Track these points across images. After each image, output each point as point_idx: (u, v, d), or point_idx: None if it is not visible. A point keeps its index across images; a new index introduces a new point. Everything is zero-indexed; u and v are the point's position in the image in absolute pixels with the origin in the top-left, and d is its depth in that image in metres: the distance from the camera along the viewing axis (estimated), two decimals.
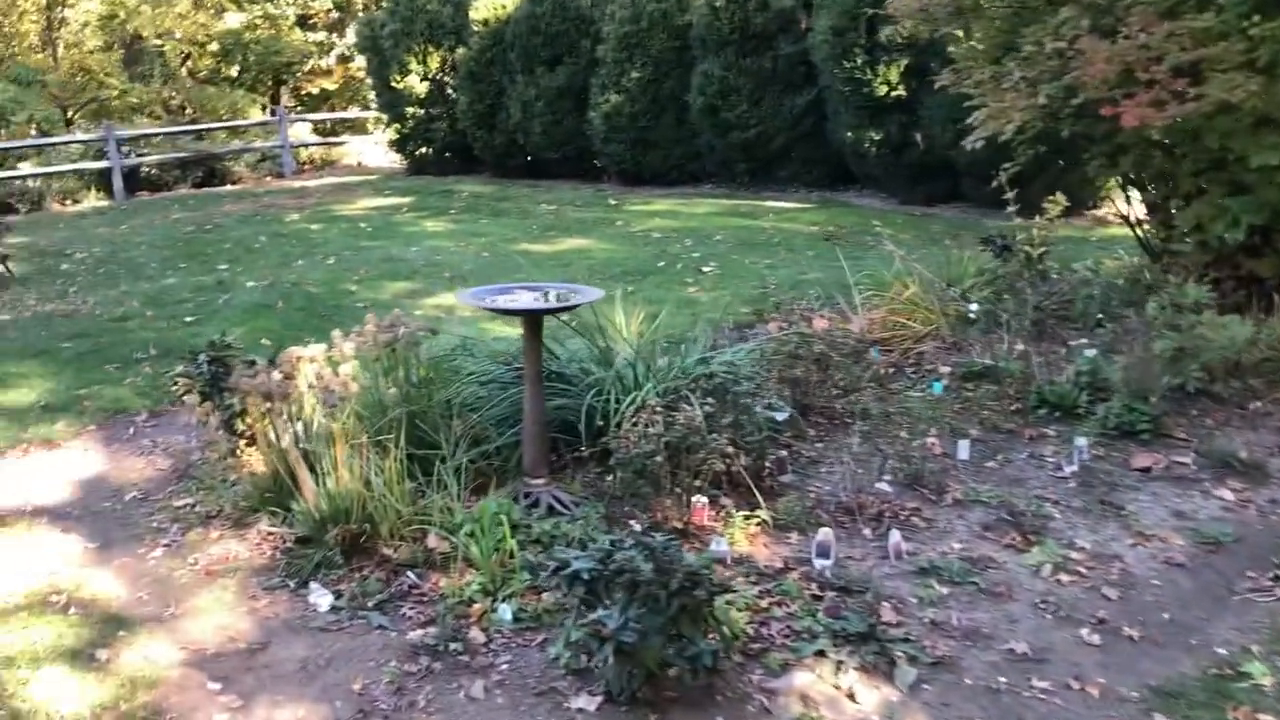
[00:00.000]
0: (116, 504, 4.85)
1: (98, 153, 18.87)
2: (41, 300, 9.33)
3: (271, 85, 27.54)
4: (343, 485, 4.14)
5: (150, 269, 11.00)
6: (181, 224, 14.72)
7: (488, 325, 7.55)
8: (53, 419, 5.87)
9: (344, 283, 9.54)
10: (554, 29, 16.38)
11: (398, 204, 15.65)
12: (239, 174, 20.60)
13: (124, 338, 7.61)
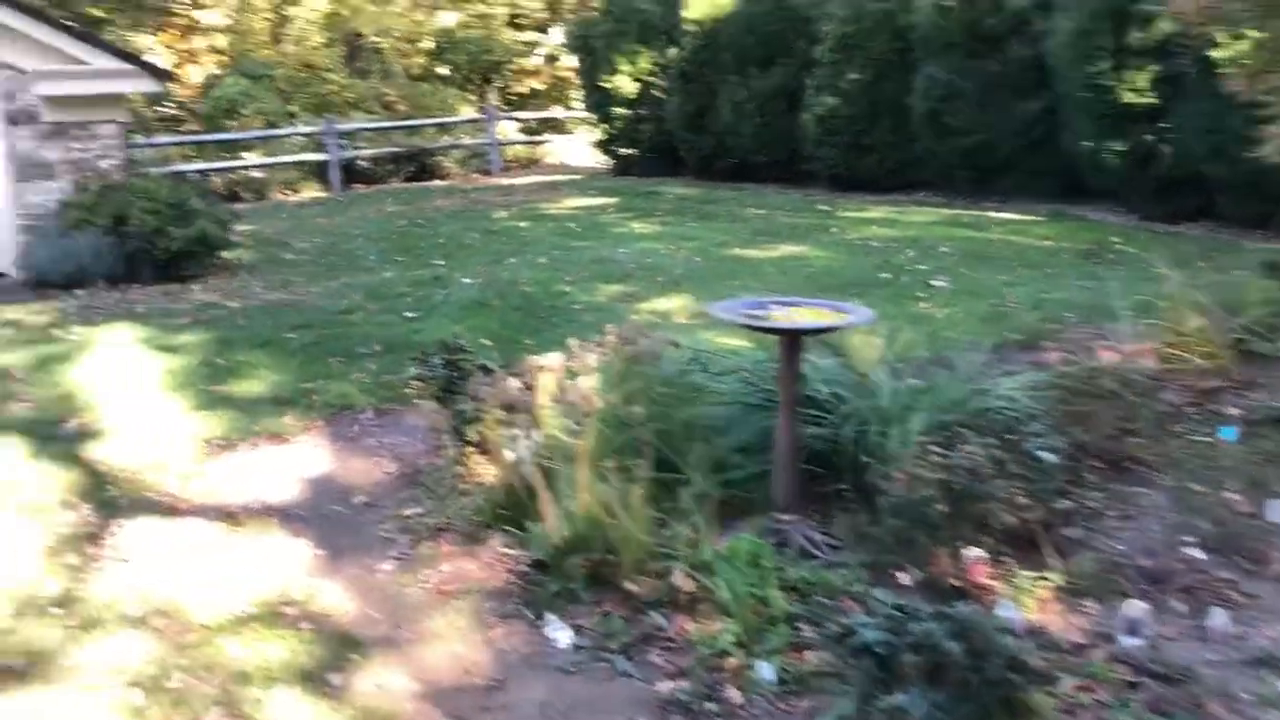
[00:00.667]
0: (345, 508, 4.70)
1: (318, 145, 19.57)
2: (267, 288, 9.53)
3: (480, 84, 28.14)
4: (585, 509, 3.83)
5: (369, 261, 11.16)
6: (395, 217, 15.01)
7: (707, 334, 7.19)
8: (281, 412, 5.83)
9: (557, 283, 9.36)
10: (769, 29, 15.94)
11: (603, 204, 15.53)
12: (447, 169, 21.04)
13: (347, 331, 7.61)
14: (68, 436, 5.44)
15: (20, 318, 8.25)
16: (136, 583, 3.97)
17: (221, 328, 7.68)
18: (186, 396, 6.06)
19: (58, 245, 9.76)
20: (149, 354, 6.91)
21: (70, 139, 10.48)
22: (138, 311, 8.38)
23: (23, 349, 7.05)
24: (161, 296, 9.18)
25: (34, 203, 10.38)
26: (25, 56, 10.08)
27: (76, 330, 7.59)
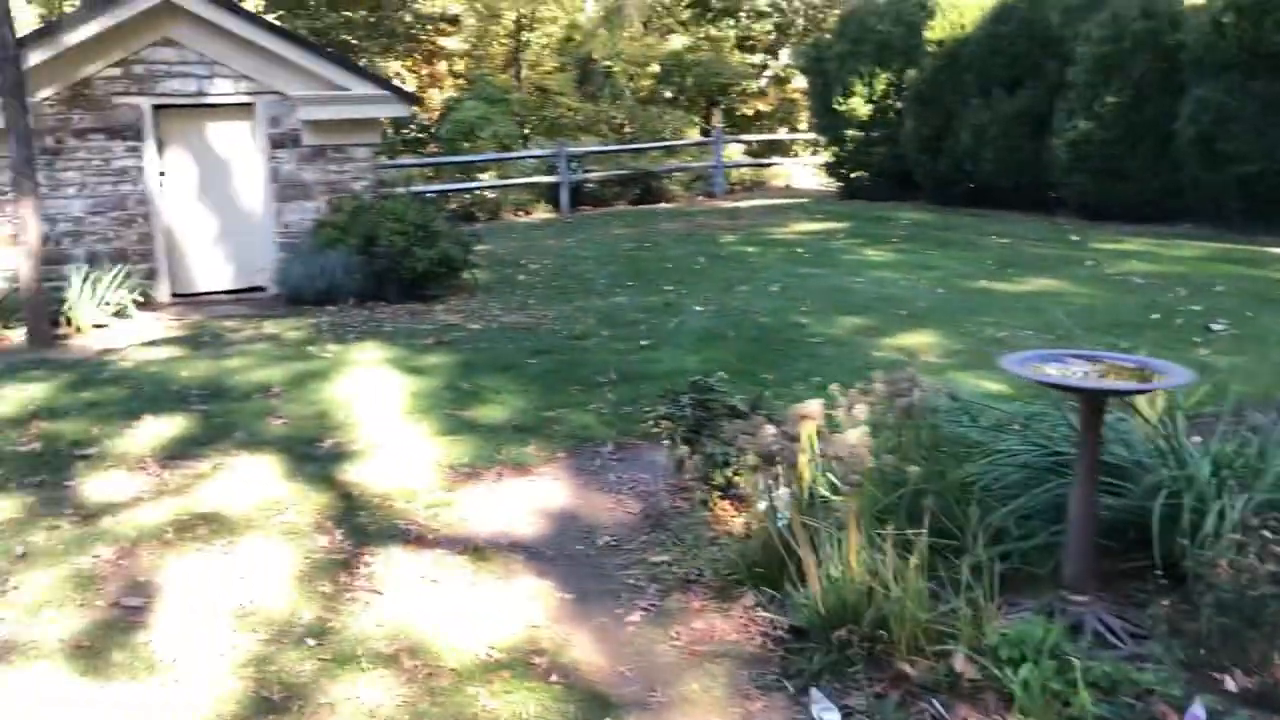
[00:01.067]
0: (589, 548, 4.53)
1: (549, 168, 19.97)
2: (505, 310, 9.64)
3: (705, 106, 28.20)
4: (854, 576, 3.50)
5: (599, 285, 11.17)
6: (622, 240, 15.07)
7: (960, 376, 6.70)
8: (523, 441, 5.76)
9: (792, 313, 9.05)
10: (1017, 49, 15.15)
11: (833, 229, 15.11)
12: (672, 192, 21.09)
13: (584, 358, 7.54)
14: (321, 456, 5.53)
15: (279, 333, 8.63)
16: (387, 617, 3.91)
17: (464, 350, 7.77)
18: (432, 420, 6.09)
19: (312, 263, 10.21)
20: (396, 374, 7.03)
21: (327, 161, 10.98)
22: (385, 331, 8.61)
23: (281, 365, 7.32)
24: (407, 316, 9.43)
25: (291, 222, 10.92)
26: (290, 83, 10.63)
27: (330, 348, 7.85)
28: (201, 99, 10.43)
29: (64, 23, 9.79)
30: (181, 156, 10.65)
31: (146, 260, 10.42)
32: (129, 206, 10.31)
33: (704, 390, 4.72)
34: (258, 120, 10.71)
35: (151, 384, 6.84)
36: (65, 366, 7.58)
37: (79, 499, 4.99)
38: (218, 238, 10.92)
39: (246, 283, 11.10)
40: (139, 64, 10.16)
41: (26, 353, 8.38)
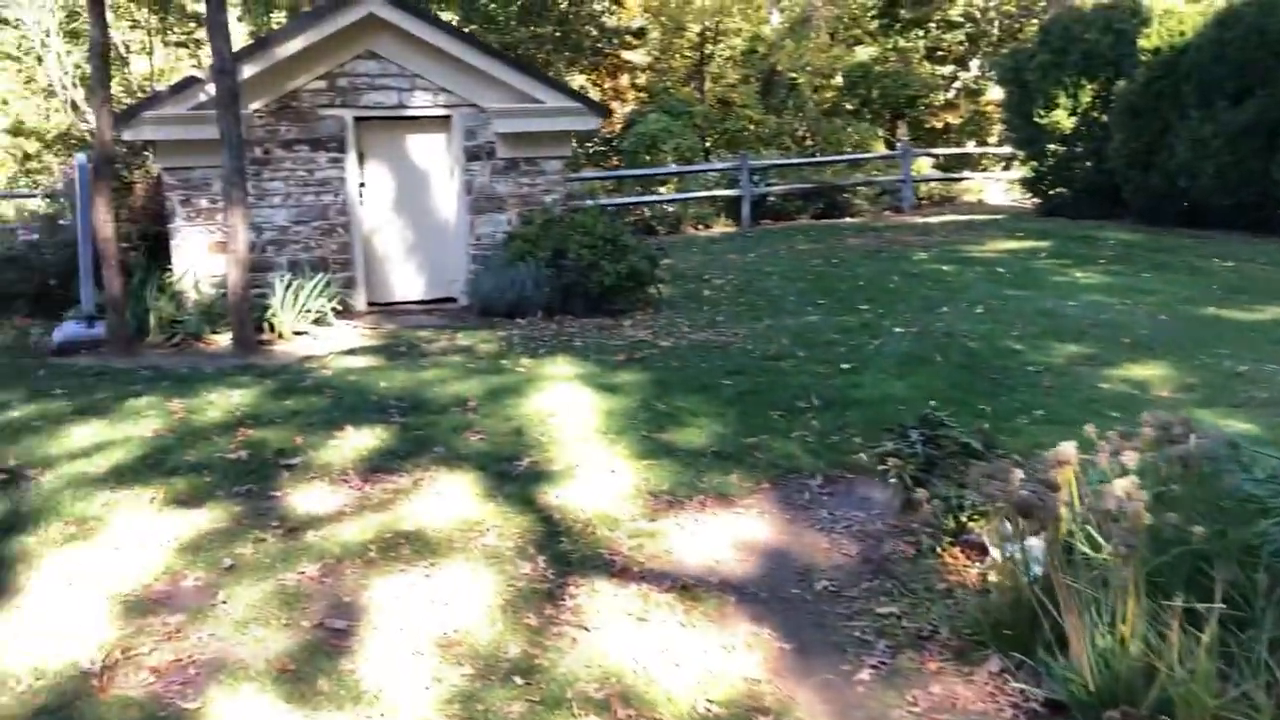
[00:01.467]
0: (806, 592, 4.20)
1: (730, 181, 19.71)
2: (694, 328, 9.40)
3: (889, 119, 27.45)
4: (1130, 650, 3.06)
5: (789, 302, 10.81)
6: (807, 255, 14.66)
7: (1200, 414, 6.06)
8: (725, 469, 5.47)
9: (1002, 338, 8.48)
10: (1244, 56, 14.00)
11: (1033, 248, 14.30)
12: (857, 207, 20.51)
13: (781, 380, 7.20)
14: (520, 476, 5.38)
15: (471, 345, 8.62)
16: (595, 657, 3.68)
17: (656, 368, 7.55)
18: (629, 442, 5.87)
19: (503, 275, 10.21)
20: (590, 392, 6.86)
21: (519, 174, 11.00)
22: (575, 346, 8.49)
23: (476, 378, 7.25)
24: (595, 331, 9.29)
25: (484, 234, 10.98)
26: (487, 95, 10.69)
27: (523, 362, 7.76)
28: (401, 111, 10.60)
29: (275, 37, 10.10)
30: (380, 168, 10.86)
31: (345, 269, 10.65)
32: (330, 216, 10.56)
33: (934, 425, 4.33)
34: (454, 132, 10.82)
35: (352, 394, 6.87)
36: (269, 373, 7.72)
37: (284, 511, 4.97)
38: (412, 248, 11.07)
39: (438, 294, 11.22)
40: (343, 77, 10.41)
41: (232, 357, 8.61)
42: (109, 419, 6.38)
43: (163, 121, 9.79)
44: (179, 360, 8.54)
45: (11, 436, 6.02)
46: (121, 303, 8.86)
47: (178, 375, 7.72)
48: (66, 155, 25.15)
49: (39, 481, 5.28)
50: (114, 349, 8.81)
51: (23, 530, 4.69)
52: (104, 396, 6.95)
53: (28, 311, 10.36)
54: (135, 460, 5.57)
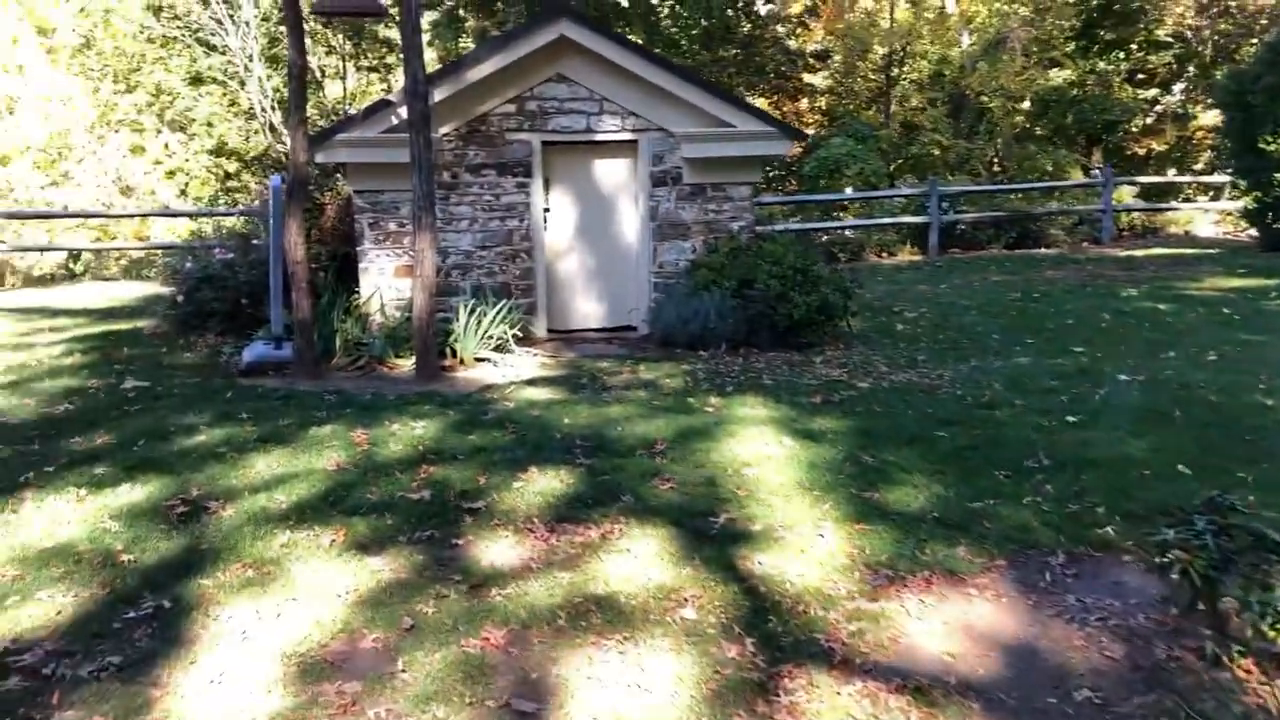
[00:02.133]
0: (1064, 703, 3.56)
1: (918, 207, 18.87)
2: (892, 367, 8.74)
3: (1084, 144, 25.92)
4: None
5: (992, 340, 10.02)
6: (1003, 288, 13.75)
7: None
8: (950, 539, 4.85)
9: (1249, 391, 7.53)
10: None
11: (1261, 287, 13.01)
12: (1052, 237, 19.32)
13: (1000, 433, 6.50)
14: (717, 535, 4.89)
15: (655, 379, 8.21)
16: None
17: (858, 414, 6.95)
18: (836, 500, 5.31)
19: (686, 305, 9.79)
20: (786, 438, 6.33)
21: (706, 200, 10.57)
22: (765, 384, 7.97)
23: (663, 417, 6.82)
24: (784, 367, 8.76)
25: (667, 261, 10.60)
26: (675, 119, 10.32)
27: (712, 401, 7.29)
28: (588, 136, 10.34)
29: (466, 60, 10.00)
30: (565, 193, 10.62)
31: (527, 296, 10.44)
32: (514, 242, 10.37)
33: (1223, 511, 3.63)
34: (640, 157, 10.49)
35: (535, 430, 6.54)
36: (451, 402, 7.50)
37: (467, 562, 4.62)
38: (593, 276, 10.79)
39: (618, 322, 10.90)
40: (532, 100, 10.22)
41: (414, 384, 8.46)
42: (292, 448, 6.22)
43: (355, 144, 9.80)
44: (362, 384, 8.44)
45: (197, 464, 5.92)
46: (309, 325, 8.84)
47: (361, 402, 7.58)
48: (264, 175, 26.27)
49: (220, 516, 5.10)
50: (300, 371, 8.80)
51: (201, 571, 4.48)
52: (288, 423, 6.83)
53: (220, 329, 10.53)
54: (316, 496, 5.35)
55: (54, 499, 5.34)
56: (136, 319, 11.70)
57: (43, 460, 6.05)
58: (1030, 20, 24.11)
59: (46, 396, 7.82)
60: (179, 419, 7.03)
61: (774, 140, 10.42)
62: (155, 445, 6.34)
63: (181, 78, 24.28)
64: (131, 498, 5.37)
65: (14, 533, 4.89)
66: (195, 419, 7.02)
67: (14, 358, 9.34)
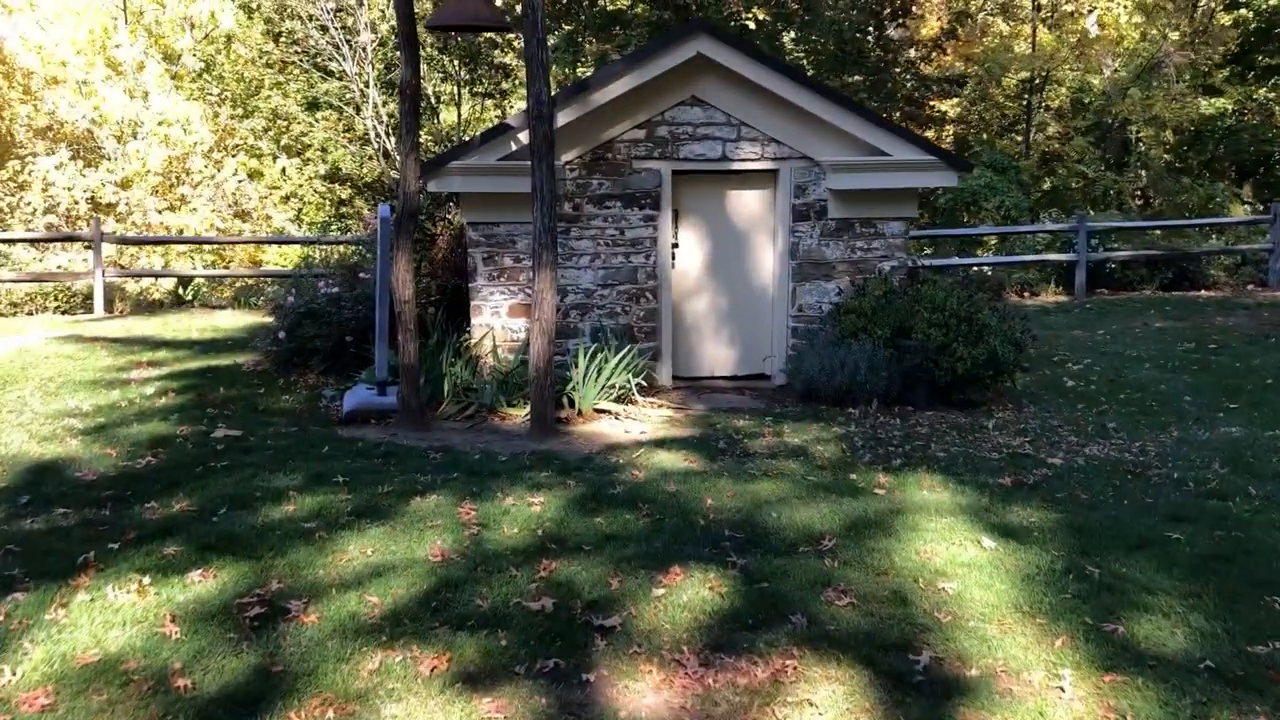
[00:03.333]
0: None
1: (1063, 244, 17.44)
2: (1080, 436, 7.51)
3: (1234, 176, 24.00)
4: None
5: (1185, 403, 8.68)
6: (1170, 336, 12.30)
7: None
8: (1239, 704, 3.64)
9: None
10: None
11: None
12: (1213, 278, 17.63)
13: (1248, 536, 5.25)
14: (920, 684, 3.78)
15: (803, 444, 7.12)
16: None
17: (1061, 502, 5.76)
18: (1069, 634, 4.15)
19: (831, 355, 8.69)
20: (984, 537, 5.18)
21: (853, 236, 9.47)
22: (937, 456, 6.81)
23: (824, 500, 5.74)
24: (952, 433, 7.59)
25: (807, 304, 9.52)
26: (822, 147, 9.27)
27: (880, 480, 6.16)
28: (724, 164, 9.34)
29: (593, 81, 9.10)
30: (695, 228, 9.64)
31: (651, 339, 9.46)
32: (639, 280, 9.42)
33: None
34: (780, 188, 9.45)
35: (674, 513, 5.52)
36: (571, 468, 6.54)
37: (601, 709, 3.60)
38: (724, 318, 9.76)
39: (750, 370, 9.84)
40: (663, 125, 9.27)
41: (528, 439, 7.55)
42: (390, 525, 5.32)
43: (470, 172, 8.97)
44: (472, 438, 7.56)
45: (281, 544, 5.05)
46: (415, 371, 8.00)
47: (469, 462, 6.67)
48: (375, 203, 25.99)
49: (301, 623, 4.19)
50: (405, 420, 7.96)
51: (271, 709, 3.55)
52: (388, 491, 5.94)
53: (322, 368, 9.81)
54: (416, 600, 4.41)
55: (112, 589, 4.50)
56: (238, 353, 11.07)
57: (110, 532, 5.25)
58: (1184, 44, 22.41)
59: (130, 445, 7.10)
60: (268, 480, 6.21)
61: (934, 171, 9.27)
62: (237, 516, 5.51)
63: (298, 102, 24.13)
64: (201, 590, 4.51)
65: (58, 639, 4.05)
66: (286, 480, 6.19)
67: (106, 396, 8.71)
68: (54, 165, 17.89)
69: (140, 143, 18.91)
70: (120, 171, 18.56)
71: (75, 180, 17.91)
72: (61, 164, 18.00)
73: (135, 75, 20.44)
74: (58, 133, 19.54)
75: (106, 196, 18.02)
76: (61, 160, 18.06)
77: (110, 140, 19.58)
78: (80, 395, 8.79)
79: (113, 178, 18.29)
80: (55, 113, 19.28)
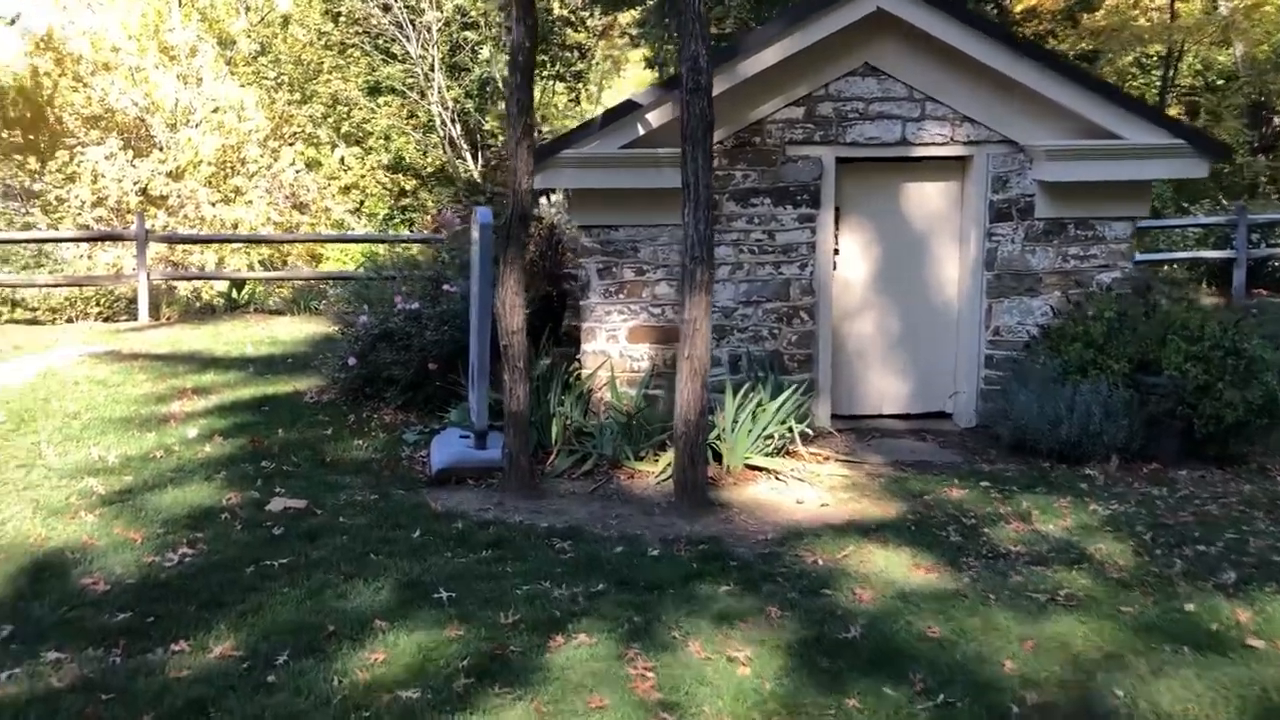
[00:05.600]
0: None
1: (1218, 239, 15.29)
2: None
3: None
4: None
5: None
6: None
7: None
8: None
9: None
10: None
11: None
12: None
13: None
14: None
15: (1070, 535, 5.16)
16: None
17: None
18: None
19: (1052, 394, 6.74)
20: None
21: (1066, 241, 7.50)
22: (1274, 561, 4.85)
23: (1175, 657, 3.80)
24: (1254, 512, 5.61)
25: (1005, 326, 7.57)
26: (1029, 127, 7.31)
27: (1239, 617, 4.21)
28: (902, 150, 7.42)
29: (742, 46, 7.21)
30: (860, 230, 7.73)
31: (805, 369, 7.58)
32: (791, 296, 7.53)
33: None
34: (972, 180, 7.50)
35: (959, 683, 3.64)
36: (756, 572, 4.71)
37: None
38: (895, 343, 7.84)
39: (927, 406, 7.91)
40: (826, 101, 7.37)
41: (675, 513, 5.74)
42: (529, 699, 3.51)
43: (587, 163, 7.12)
44: (599, 511, 5.77)
45: None
46: (525, 421, 6.20)
47: (612, 562, 4.87)
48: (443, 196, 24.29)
49: None
50: (512, 482, 6.18)
51: None
52: (513, 622, 4.14)
53: (400, 401, 8.06)
54: None
55: None
56: (298, 376, 9.36)
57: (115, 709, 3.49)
58: None
59: (161, 526, 5.37)
60: (344, 594, 4.44)
61: (1178, 158, 7.25)
62: (302, 671, 3.73)
63: (358, 86, 22.49)
64: None
65: None
66: (368, 596, 4.42)
67: (138, 442, 7.02)
68: (104, 156, 16.36)
69: (193, 130, 17.33)
70: (172, 161, 17.00)
71: (125, 171, 16.37)
72: (112, 154, 16.47)
73: (188, 60, 18.92)
74: (108, 121, 18.05)
75: (158, 188, 16.45)
76: (112, 150, 16.54)
77: (162, 129, 18.07)
78: (107, 440, 7.11)
79: (164, 168, 16.73)
80: (106, 99, 17.80)
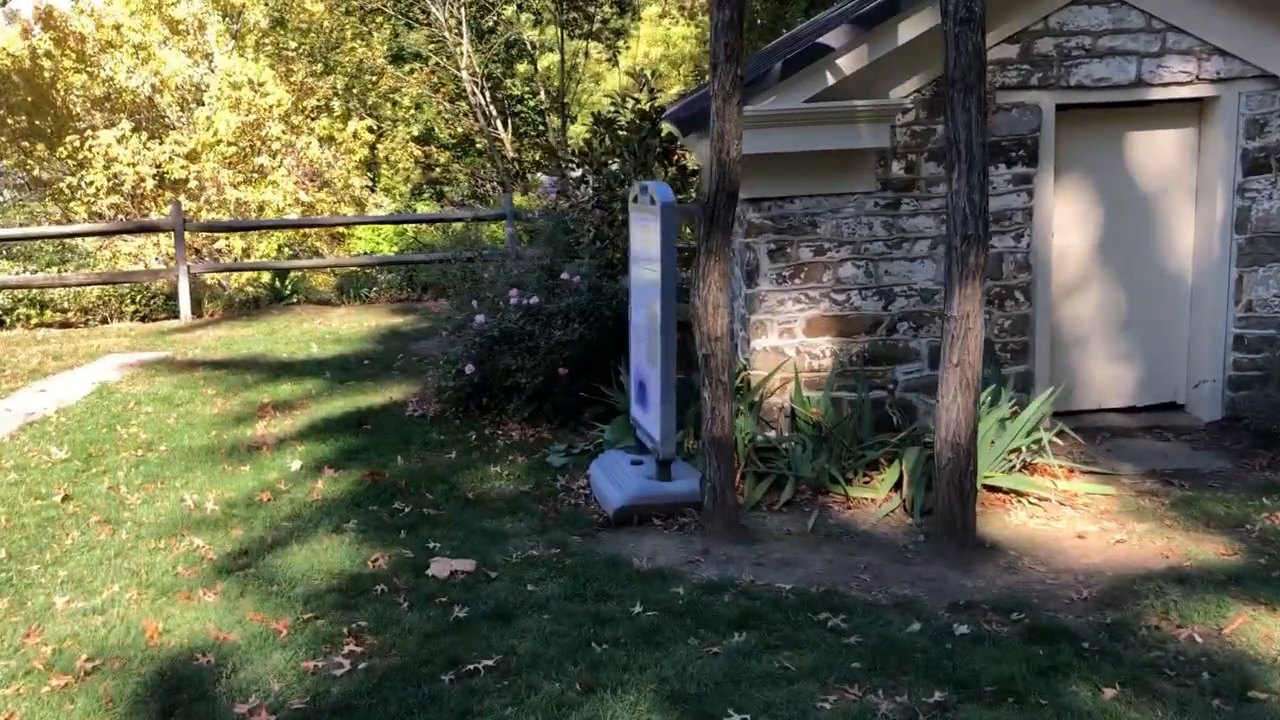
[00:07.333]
0: None
1: None
2: None
3: None
4: None
5: None
6: None
7: None
8: None
9: None
10: None
11: None
12: None
13: None
14: None
15: None
16: None
17: None
18: None
19: None
20: None
21: None
22: None
23: None
24: None
25: (1262, 300, 6.33)
26: None
27: None
28: (1136, 93, 6.15)
29: None
30: (1078, 190, 6.47)
31: (1019, 360, 6.35)
32: (1004, 274, 6.29)
33: None
34: (1217, 124, 6.24)
35: None
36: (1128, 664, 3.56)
37: None
38: (1121, 324, 6.61)
39: (1153, 398, 6.69)
40: (1046, 36, 6.08)
41: (938, 560, 4.55)
42: None
43: (764, 123, 5.83)
44: (838, 559, 4.59)
45: None
46: (730, 448, 4.98)
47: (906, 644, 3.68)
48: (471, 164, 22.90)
49: None
50: (715, 523, 4.97)
51: None
52: None
53: (525, 414, 6.85)
54: None
55: None
56: (386, 382, 8.15)
57: None
58: None
59: (305, 608, 4.17)
60: None
61: None
62: None
63: (383, 55, 21.07)
64: None
65: None
66: None
67: (233, 480, 5.80)
68: (116, 138, 15.01)
69: (207, 108, 15.95)
70: (188, 142, 15.64)
71: (140, 154, 15.03)
72: (124, 136, 15.12)
73: (197, 35, 17.51)
74: (116, 102, 16.68)
75: (175, 172, 15.12)
76: (124, 132, 15.18)
77: (173, 108, 16.70)
78: (196, 479, 5.91)
79: (180, 150, 15.38)
80: (114, 79, 16.42)
